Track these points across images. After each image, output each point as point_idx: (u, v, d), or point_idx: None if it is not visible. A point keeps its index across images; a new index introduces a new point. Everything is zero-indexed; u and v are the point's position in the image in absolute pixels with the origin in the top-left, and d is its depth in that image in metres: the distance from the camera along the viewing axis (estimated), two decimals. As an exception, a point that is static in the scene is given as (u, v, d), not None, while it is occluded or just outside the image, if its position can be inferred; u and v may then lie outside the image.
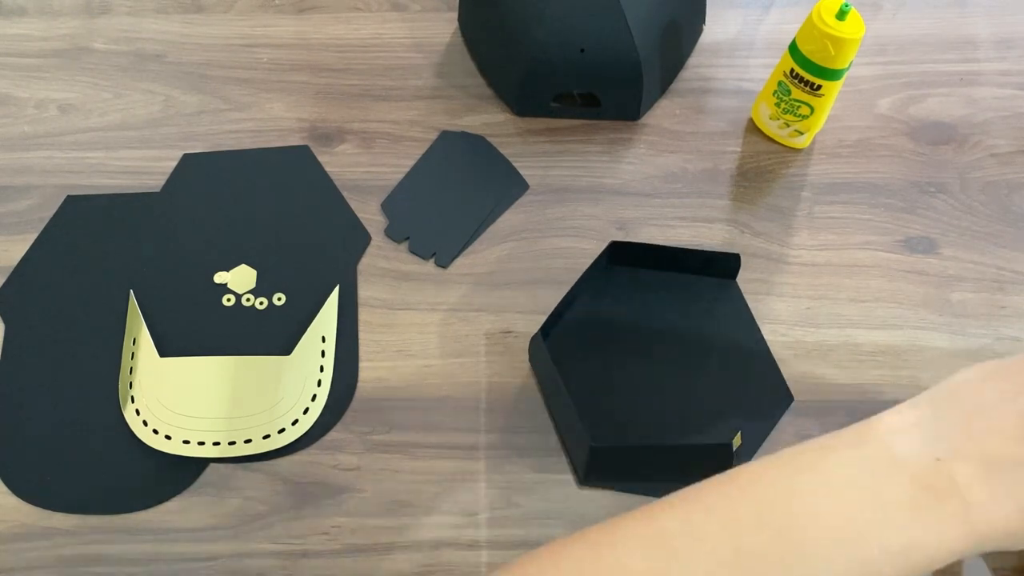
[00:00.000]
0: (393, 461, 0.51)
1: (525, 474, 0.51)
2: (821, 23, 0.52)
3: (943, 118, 0.63)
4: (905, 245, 0.58)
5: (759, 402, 0.52)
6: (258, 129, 0.62)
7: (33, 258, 0.57)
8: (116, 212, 0.58)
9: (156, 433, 0.51)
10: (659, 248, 0.55)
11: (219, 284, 0.56)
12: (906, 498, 0.35)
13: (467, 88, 0.64)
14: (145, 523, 0.49)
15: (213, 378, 0.53)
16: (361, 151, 0.61)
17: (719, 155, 0.61)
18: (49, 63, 0.64)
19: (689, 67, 0.65)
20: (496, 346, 0.54)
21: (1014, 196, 0.60)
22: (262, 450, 0.51)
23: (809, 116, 0.58)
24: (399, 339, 0.55)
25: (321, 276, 0.56)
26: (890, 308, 0.56)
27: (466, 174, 0.60)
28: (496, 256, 0.57)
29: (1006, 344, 0.54)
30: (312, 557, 0.49)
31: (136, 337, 0.54)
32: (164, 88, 0.63)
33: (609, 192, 0.60)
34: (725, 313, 0.55)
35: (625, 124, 0.62)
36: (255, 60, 0.65)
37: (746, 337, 0.54)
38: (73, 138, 0.61)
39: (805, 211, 0.59)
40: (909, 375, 0.53)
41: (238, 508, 0.50)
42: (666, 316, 0.55)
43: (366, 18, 0.67)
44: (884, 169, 0.61)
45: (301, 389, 0.52)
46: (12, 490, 0.50)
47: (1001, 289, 0.56)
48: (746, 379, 0.53)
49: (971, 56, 0.65)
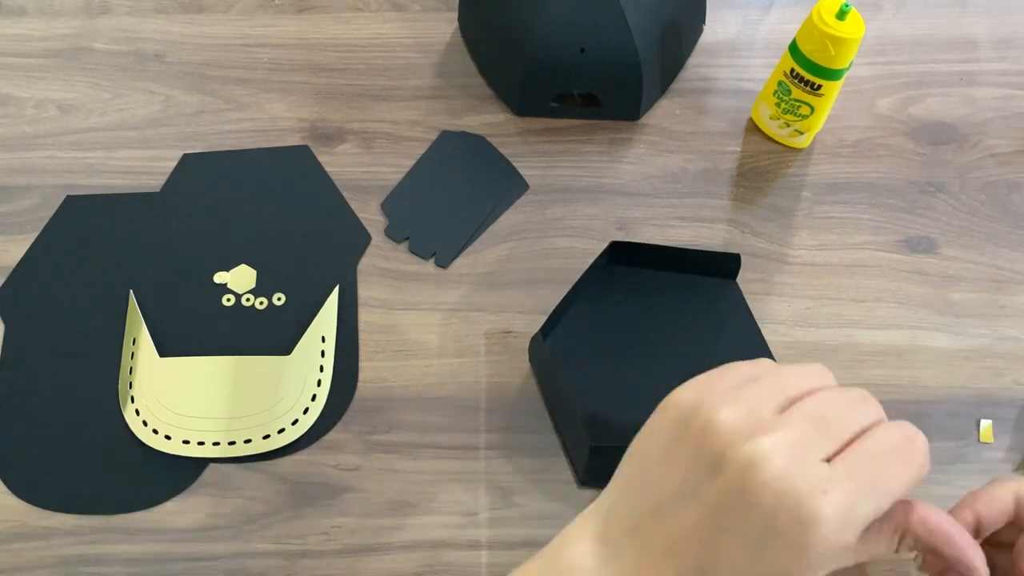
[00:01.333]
0: (393, 461, 0.51)
1: (525, 474, 0.51)
2: (821, 23, 0.52)
3: (943, 118, 0.63)
4: (905, 245, 0.58)
5: None
6: (258, 129, 0.62)
7: (33, 258, 0.57)
8: (116, 212, 0.58)
9: (156, 433, 0.51)
10: (659, 248, 0.55)
11: (219, 284, 0.56)
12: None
13: (467, 88, 0.64)
14: (145, 523, 0.49)
15: (213, 378, 0.53)
16: (361, 151, 0.61)
17: (719, 155, 0.61)
18: (49, 63, 0.64)
19: (689, 67, 0.65)
20: (496, 346, 0.54)
21: (1014, 196, 0.60)
22: (262, 450, 0.51)
23: (809, 116, 0.58)
24: (399, 339, 0.55)
25: (321, 276, 0.56)
26: (890, 308, 0.56)
27: (466, 174, 0.60)
28: (496, 256, 0.57)
29: (1006, 344, 0.54)
30: (312, 557, 0.49)
31: (136, 337, 0.54)
32: (164, 88, 0.63)
33: (609, 192, 0.60)
34: (725, 313, 0.55)
35: (625, 124, 0.62)
36: (255, 60, 0.65)
37: (747, 337, 0.54)
38: (73, 138, 0.61)
39: (805, 211, 0.59)
40: (909, 375, 0.53)
41: (238, 508, 0.50)
42: (666, 316, 0.55)
43: (366, 18, 0.67)
44: (884, 169, 0.61)
45: (301, 389, 0.52)
46: (12, 490, 0.50)
47: (1001, 289, 0.56)
48: None
49: (971, 56, 0.65)
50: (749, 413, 0.34)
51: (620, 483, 0.38)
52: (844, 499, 0.32)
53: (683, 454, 0.35)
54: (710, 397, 0.36)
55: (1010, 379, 0.53)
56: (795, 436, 0.33)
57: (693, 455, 0.35)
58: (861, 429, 0.35)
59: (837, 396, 0.36)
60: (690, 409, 0.36)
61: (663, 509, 0.35)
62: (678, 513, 0.34)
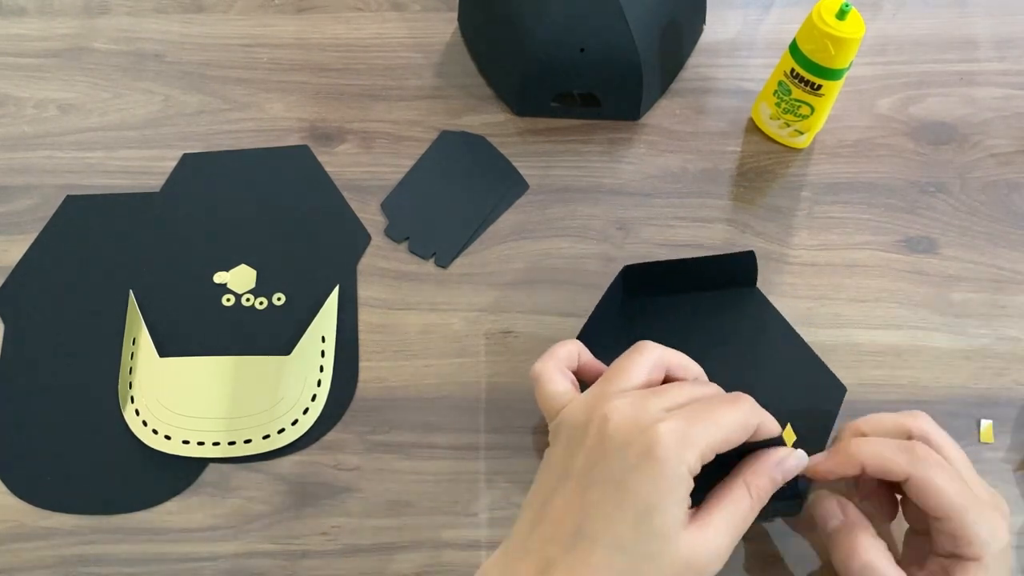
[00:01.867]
0: (393, 461, 0.51)
1: (525, 474, 0.51)
2: (821, 23, 0.52)
3: (943, 118, 0.63)
4: (905, 245, 0.58)
5: (813, 400, 0.51)
6: (258, 129, 0.62)
7: (33, 258, 0.57)
8: (116, 212, 0.58)
9: (156, 433, 0.51)
10: (673, 263, 0.53)
11: (219, 284, 0.56)
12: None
13: (467, 88, 0.64)
14: (145, 523, 0.49)
15: (213, 378, 0.53)
16: (361, 151, 0.61)
17: (719, 155, 0.61)
18: (49, 63, 0.64)
19: (689, 67, 0.65)
20: (496, 346, 0.54)
21: (1014, 196, 0.60)
22: (262, 450, 0.51)
23: (809, 116, 0.58)
24: (399, 339, 0.55)
25: (321, 276, 0.56)
26: (890, 308, 0.56)
27: (466, 174, 0.60)
28: (496, 256, 0.57)
29: (1006, 344, 0.54)
30: (312, 557, 0.49)
31: (136, 337, 0.54)
32: (164, 88, 0.63)
33: (609, 192, 0.60)
34: (754, 321, 0.54)
35: (625, 124, 0.62)
36: (255, 60, 0.65)
37: (781, 339, 0.53)
38: (73, 138, 0.61)
39: (805, 211, 0.59)
40: (909, 375, 0.53)
41: (238, 508, 0.50)
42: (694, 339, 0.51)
43: (366, 18, 0.67)
44: (884, 169, 0.61)
45: (301, 389, 0.52)
46: (12, 490, 0.50)
47: (1001, 289, 0.56)
48: (793, 381, 0.52)
49: (971, 56, 0.65)
50: (633, 402, 0.40)
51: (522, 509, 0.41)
52: (678, 424, 0.37)
53: (565, 452, 0.40)
54: (601, 403, 0.40)
55: (1010, 379, 0.53)
56: (641, 394, 0.40)
57: (572, 447, 0.40)
58: (701, 395, 0.41)
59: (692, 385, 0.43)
60: (582, 418, 0.41)
61: (547, 501, 0.39)
62: (556, 495, 0.39)
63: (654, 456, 0.37)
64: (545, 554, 0.38)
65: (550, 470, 0.41)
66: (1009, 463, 0.51)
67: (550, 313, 0.55)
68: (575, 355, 0.46)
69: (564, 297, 0.56)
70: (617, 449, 0.38)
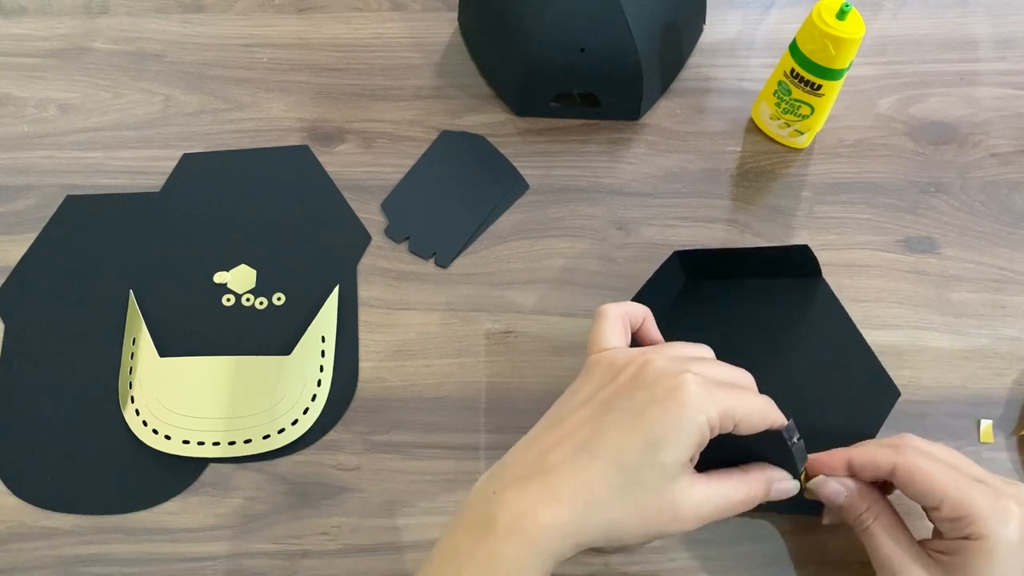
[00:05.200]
0: (393, 461, 0.51)
1: (525, 474, 0.51)
2: (821, 23, 0.52)
3: (943, 118, 0.63)
4: (905, 245, 0.58)
5: (864, 398, 0.50)
6: (258, 129, 0.62)
7: (33, 258, 0.57)
8: (116, 212, 0.58)
9: (156, 433, 0.51)
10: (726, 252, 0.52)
11: (219, 284, 0.56)
12: (469, 533, 0.39)
13: (467, 88, 0.64)
14: (145, 523, 0.49)
15: (213, 378, 0.53)
16: (361, 151, 0.61)
17: (719, 155, 0.61)
18: (49, 63, 0.64)
19: (689, 67, 0.65)
20: (496, 346, 0.54)
21: (1014, 196, 0.60)
22: (262, 450, 0.51)
23: (809, 116, 0.58)
24: (399, 339, 0.55)
25: (321, 276, 0.56)
26: (890, 308, 0.56)
27: (466, 174, 0.60)
28: (496, 256, 0.57)
29: (1006, 344, 0.54)
30: (312, 557, 0.49)
31: (136, 337, 0.54)
32: (164, 88, 0.63)
33: (609, 192, 0.60)
34: (816, 312, 0.53)
35: (625, 124, 0.62)
36: (255, 60, 0.65)
37: (841, 333, 0.52)
38: (73, 138, 0.61)
39: (805, 211, 0.59)
40: (909, 375, 0.53)
41: (238, 508, 0.50)
42: (752, 323, 0.52)
43: (366, 18, 0.67)
44: (884, 169, 0.61)
45: (301, 389, 0.52)
46: (12, 490, 0.50)
47: (1001, 289, 0.56)
48: (848, 376, 0.51)
49: (971, 56, 0.65)
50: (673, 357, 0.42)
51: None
52: (705, 382, 0.39)
53: (595, 384, 0.42)
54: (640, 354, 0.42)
55: (1010, 379, 0.53)
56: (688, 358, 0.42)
57: (603, 381, 0.42)
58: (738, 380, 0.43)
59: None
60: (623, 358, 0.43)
61: (565, 418, 0.41)
62: (576, 413, 0.41)
63: (678, 398, 0.38)
64: (547, 461, 0.39)
65: (573, 396, 0.42)
66: (1009, 463, 0.51)
67: (550, 313, 0.55)
68: (641, 318, 0.47)
69: (564, 297, 0.56)
70: (647, 386, 0.40)
